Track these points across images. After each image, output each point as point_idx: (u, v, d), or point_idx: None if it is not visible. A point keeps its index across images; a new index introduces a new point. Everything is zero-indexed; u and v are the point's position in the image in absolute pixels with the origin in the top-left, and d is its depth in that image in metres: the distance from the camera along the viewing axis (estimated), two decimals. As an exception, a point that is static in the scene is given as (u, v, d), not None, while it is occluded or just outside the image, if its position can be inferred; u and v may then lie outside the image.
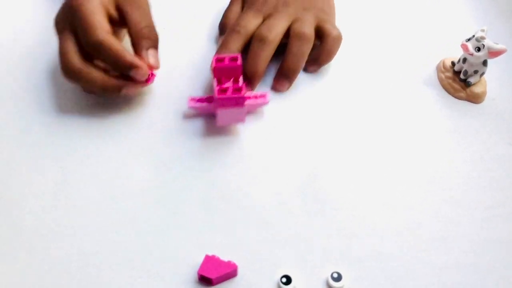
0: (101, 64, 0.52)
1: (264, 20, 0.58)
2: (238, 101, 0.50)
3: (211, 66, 0.52)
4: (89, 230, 0.47)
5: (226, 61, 0.52)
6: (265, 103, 0.55)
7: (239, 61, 0.52)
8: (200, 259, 0.45)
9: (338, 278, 0.45)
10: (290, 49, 0.57)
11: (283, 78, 0.57)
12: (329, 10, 0.61)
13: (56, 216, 0.48)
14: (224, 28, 0.60)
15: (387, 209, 0.50)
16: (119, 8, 0.54)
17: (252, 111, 0.56)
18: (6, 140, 0.53)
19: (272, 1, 0.59)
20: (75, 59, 0.51)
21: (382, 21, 0.67)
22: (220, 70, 0.52)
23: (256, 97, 0.54)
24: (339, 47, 0.59)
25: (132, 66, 0.51)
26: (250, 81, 0.56)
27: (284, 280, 0.45)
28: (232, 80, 0.52)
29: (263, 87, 0.58)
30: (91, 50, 0.51)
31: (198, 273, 0.44)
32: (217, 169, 0.52)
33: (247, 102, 0.53)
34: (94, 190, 0.50)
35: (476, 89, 0.59)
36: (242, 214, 0.49)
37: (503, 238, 0.49)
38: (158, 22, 0.55)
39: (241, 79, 0.52)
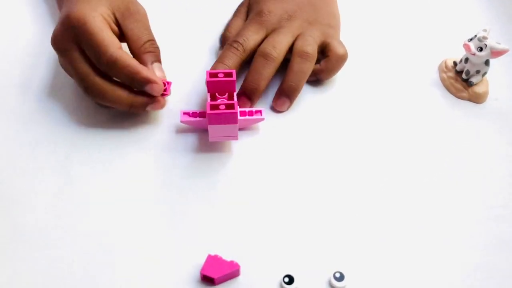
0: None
1: (267, 35, 0.57)
2: (230, 118, 0.49)
3: (206, 80, 0.51)
4: (92, 230, 0.47)
5: (220, 76, 0.50)
6: (260, 120, 0.53)
7: (234, 76, 0.50)
8: (202, 259, 0.45)
9: (341, 278, 0.45)
10: (292, 67, 0.55)
11: (284, 96, 0.56)
12: (335, 23, 0.60)
13: (59, 216, 0.48)
14: (225, 40, 0.59)
15: (390, 209, 0.50)
16: (118, 23, 0.53)
17: (247, 127, 0.54)
18: (7, 141, 0.53)
19: (276, 14, 0.58)
20: (98, 79, 0.51)
21: (384, 21, 0.67)
22: (214, 85, 0.50)
23: (251, 113, 0.53)
24: (342, 65, 0.58)
25: (148, 82, 0.50)
26: (250, 98, 0.54)
27: (286, 280, 0.45)
28: (226, 95, 0.51)
29: (262, 104, 0.57)
30: (105, 68, 0.50)
31: (201, 273, 0.45)
32: (220, 170, 0.52)
33: (241, 118, 0.52)
34: (96, 190, 0.50)
35: (478, 89, 0.59)
36: (245, 214, 0.49)
37: (505, 238, 0.49)
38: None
39: (235, 95, 0.51)
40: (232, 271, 0.45)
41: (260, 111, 0.53)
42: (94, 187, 0.50)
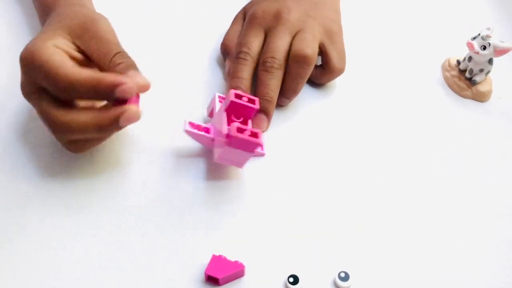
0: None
1: (266, 34, 0.55)
2: (251, 146, 0.47)
3: (226, 98, 0.49)
4: (95, 230, 0.47)
5: (245, 100, 0.49)
6: (261, 155, 0.52)
7: (257, 105, 0.50)
8: (207, 259, 0.45)
9: (346, 278, 0.45)
10: (289, 71, 0.54)
11: (283, 97, 0.55)
12: (336, 16, 0.58)
13: (61, 215, 0.48)
14: (226, 48, 0.57)
15: (395, 209, 0.50)
16: (81, 48, 0.48)
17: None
18: (7, 141, 0.53)
19: (270, 12, 0.55)
20: (58, 112, 0.45)
21: (387, 20, 0.67)
22: (235, 106, 0.49)
23: None
24: (337, 77, 0.57)
25: (114, 85, 0.44)
26: (266, 112, 0.53)
27: (291, 280, 0.45)
28: (241, 119, 0.50)
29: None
30: (66, 94, 0.45)
31: (205, 273, 0.44)
32: (225, 172, 0.52)
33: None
34: (100, 190, 0.50)
35: (482, 87, 0.59)
36: (249, 214, 0.49)
37: (509, 237, 0.49)
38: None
39: (250, 122, 0.50)
40: (237, 271, 0.45)
41: (261, 146, 0.52)
42: (98, 189, 0.50)
